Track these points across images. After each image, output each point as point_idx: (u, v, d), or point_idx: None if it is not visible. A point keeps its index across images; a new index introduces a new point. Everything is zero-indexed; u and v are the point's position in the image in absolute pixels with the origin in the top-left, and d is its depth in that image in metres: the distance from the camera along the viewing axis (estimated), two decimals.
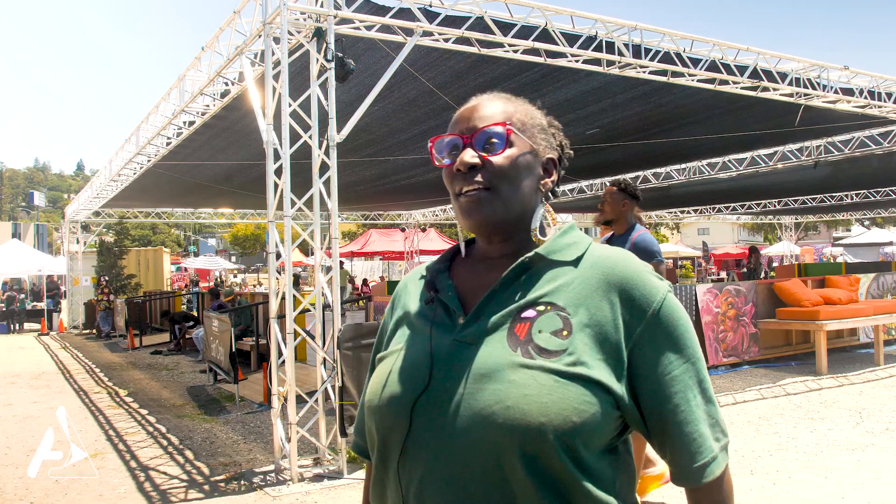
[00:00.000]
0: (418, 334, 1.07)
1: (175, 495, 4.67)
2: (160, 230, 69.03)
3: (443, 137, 1.09)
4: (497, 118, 1.06)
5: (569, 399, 0.92)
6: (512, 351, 0.96)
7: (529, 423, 0.90)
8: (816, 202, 20.22)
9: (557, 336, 0.96)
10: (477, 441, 0.92)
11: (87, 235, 21.25)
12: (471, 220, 1.05)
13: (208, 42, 6.75)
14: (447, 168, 1.07)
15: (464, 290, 1.08)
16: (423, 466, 0.96)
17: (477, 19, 5.81)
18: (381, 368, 1.08)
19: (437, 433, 0.96)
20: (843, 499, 4.18)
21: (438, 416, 0.96)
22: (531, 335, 0.97)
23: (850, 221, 35.86)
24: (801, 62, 7.71)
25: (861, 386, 7.58)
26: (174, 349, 12.76)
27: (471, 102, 1.12)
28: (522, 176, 1.06)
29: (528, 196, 1.08)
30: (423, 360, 1.01)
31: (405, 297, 1.17)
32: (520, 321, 0.99)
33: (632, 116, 9.33)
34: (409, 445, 0.98)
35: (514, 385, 0.92)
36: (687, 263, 33.82)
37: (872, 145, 11.22)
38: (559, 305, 0.99)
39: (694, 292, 8.57)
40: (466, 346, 0.99)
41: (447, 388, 0.97)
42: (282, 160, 5.11)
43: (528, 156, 1.07)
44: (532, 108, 1.14)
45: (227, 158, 10.79)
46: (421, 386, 0.99)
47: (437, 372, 0.99)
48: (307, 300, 5.60)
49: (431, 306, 1.08)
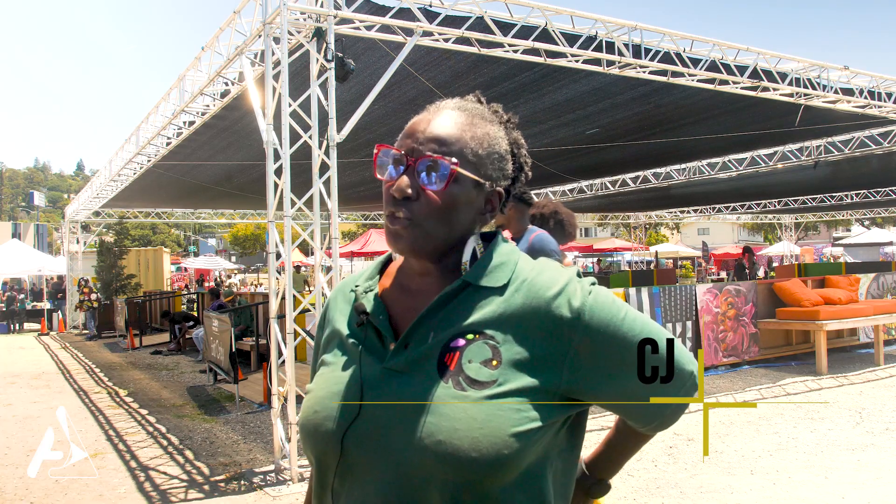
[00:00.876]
0: (348, 357, 1.05)
1: (175, 495, 4.67)
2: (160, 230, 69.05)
3: (389, 148, 1.03)
4: (448, 145, 1.00)
5: (500, 432, 0.90)
6: (443, 383, 0.94)
7: (461, 459, 0.89)
8: (816, 202, 20.23)
9: (487, 366, 0.94)
10: (409, 473, 0.91)
11: (87, 235, 21.28)
12: (393, 247, 1.03)
13: (208, 42, 6.75)
14: (385, 184, 1.03)
15: (394, 312, 1.05)
16: (358, 491, 0.96)
17: (477, 19, 5.81)
18: (313, 391, 1.06)
19: (370, 462, 0.95)
20: (843, 499, 4.18)
21: (371, 446, 0.95)
22: (461, 365, 0.95)
23: (850, 221, 35.87)
24: (801, 62, 7.71)
25: (861, 386, 7.58)
26: (174, 349, 12.76)
27: (428, 113, 1.05)
28: (457, 213, 1.02)
29: (461, 228, 1.04)
30: (354, 385, 1.00)
31: (335, 312, 1.13)
32: (449, 351, 0.97)
33: (632, 117, 9.34)
34: (342, 471, 0.97)
35: (446, 418, 0.91)
36: (687, 263, 33.84)
37: (872, 145, 11.23)
38: (488, 334, 0.97)
39: (694, 292, 8.57)
40: (396, 374, 0.98)
41: (378, 417, 0.95)
42: (282, 160, 5.10)
43: (472, 192, 1.02)
44: (496, 129, 1.07)
45: (227, 158, 10.79)
46: (352, 415, 0.97)
47: (367, 399, 0.97)
48: (307, 300, 5.60)
49: (362, 329, 1.05)
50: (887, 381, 7.85)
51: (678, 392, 1.01)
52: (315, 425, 1.01)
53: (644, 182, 15.75)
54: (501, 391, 0.93)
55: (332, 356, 1.08)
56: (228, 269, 41.43)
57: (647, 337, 0.97)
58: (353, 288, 1.12)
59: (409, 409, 0.94)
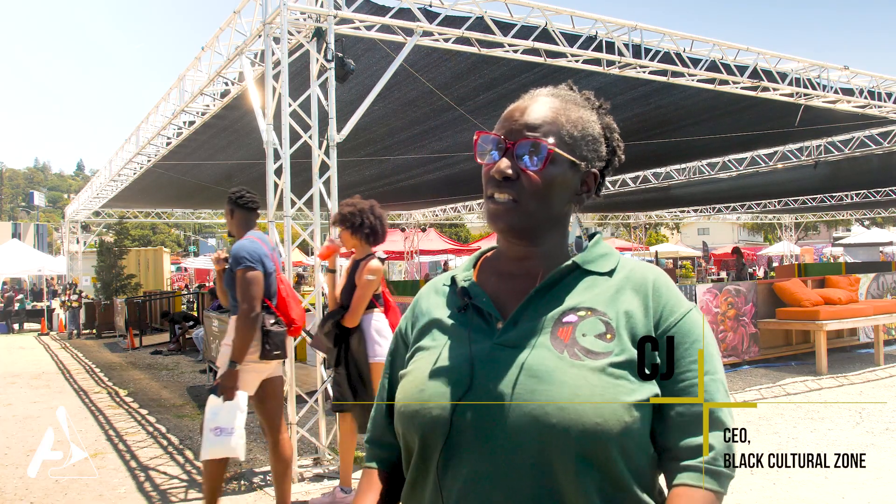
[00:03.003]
0: (453, 339, 1.06)
1: (175, 495, 4.67)
2: (160, 230, 69.04)
3: (488, 134, 1.07)
4: (545, 128, 1.04)
5: (620, 398, 0.93)
6: (558, 353, 0.96)
7: (585, 424, 0.90)
8: (816, 202, 20.23)
9: (602, 339, 0.97)
10: (527, 442, 0.92)
11: (87, 235, 21.29)
12: (493, 226, 1.07)
13: (208, 42, 6.75)
14: (485, 167, 1.07)
15: (496, 297, 1.08)
16: (467, 468, 0.95)
17: (477, 19, 5.81)
18: (414, 373, 1.06)
19: (481, 434, 0.95)
20: (843, 499, 4.18)
21: (483, 418, 0.95)
22: (575, 338, 0.98)
23: (850, 221, 35.86)
24: (801, 62, 7.71)
25: (861, 386, 7.58)
26: (174, 349, 12.76)
27: (524, 100, 1.09)
28: (555, 193, 1.05)
29: (558, 209, 1.07)
30: (463, 363, 1.01)
31: (427, 306, 1.15)
32: (561, 325, 0.99)
33: (632, 118, 9.33)
34: (450, 447, 0.97)
35: (566, 386, 0.92)
36: (687, 263, 33.82)
37: (872, 145, 11.23)
38: (599, 311, 1.00)
39: (694, 292, 8.57)
40: (508, 349, 0.99)
41: (490, 389, 0.96)
42: (282, 160, 5.11)
43: (568, 173, 1.06)
44: (589, 113, 1.10)
45: (226, 158, 10.79)
46: (463, 388, 0.98)
47: (479, 374, 0.98)
48: (307, 300, 5.60)
49: (465, 313, 1.07)
50: (887, 381, 7.86)
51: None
52: (421, 403, 1.00)
53: (644, 182, 15.74)
54: (618, 361, 0.96)
55: (431, 341, 1.08)
56: None
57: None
58: (446, 282, 1.16)
59: (526, 379, 0.95)
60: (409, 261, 23.15)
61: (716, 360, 1.02)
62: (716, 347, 1.04)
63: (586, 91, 1.15)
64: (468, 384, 0.98)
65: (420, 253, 23.31)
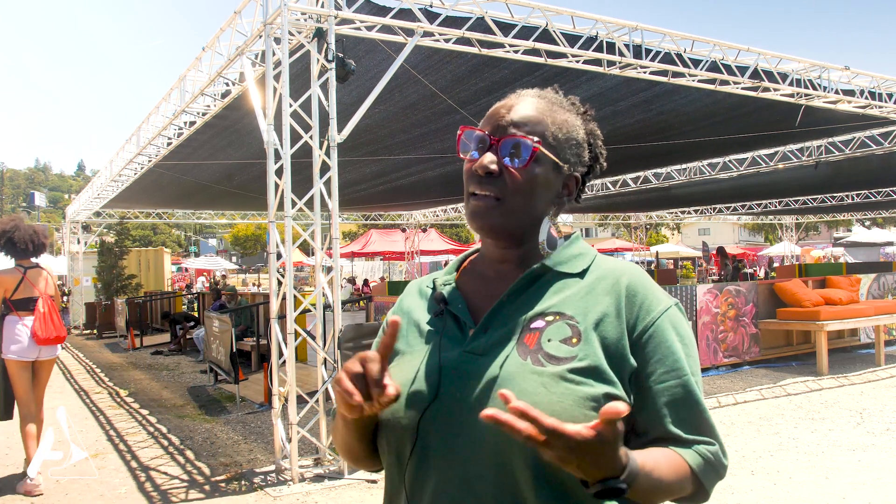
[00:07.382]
0: (426, 346, 1.06)
1: (176, 495, 4.67)
2: (161, 230, 69.07)
3: (473, 129, 1.07)
4: (531, 127, 1.04)
5: (579, 405, 0.92)
6: (522, 360, 0.96)
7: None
8: (817, 202, 20.21)
9: (566, 343, 0.97)
10: (488, 450, 0.93)
11: (87, 236, 21.25)
12: (474, 224, 1.06)
13: (209, 42, 6.75)
14: (467, 163, 1.07)
15: (473, 301, 1.08)
16: (436, 476, 0.96)
17: (477, 20, 5.81)
18: None
19: (447, 442, 0.96)
20: (843, 499, 4.18)
21: (448, 426, 0.96)
22: (540, 344, 0.97)
23: (851, 222, 35.84)
24: (802, 62, 7.71)
25: (862, 386, 7.58)
26: (175, 349, 12.76)
27: (511, 98, 1.09)
28: (538, 192, 1.05)
29: (540, 209, 1.07)
30: (432, 371, 1.01)
31: (409, 305, 1.16)
32: (529, 332, 0.99)
33: (633, 124, 9.32)
34: (418, 457, 0.98)
35: (524, 393, 0.92)
36: (687, 264, 33.83)
37: (873, 145, 11.22)
38: (567, 315, 1.00)
39: (694, 293, 8.57)
40: (476, 356, 0.99)
41: (456, 398, 0.97)
42: (282, 160, 5.11)
43: (551, 174, 1.05)
44: (574, 118, 1.10)
45: (227, 157, 10.79)
46: (429, 397, 0.98)
47: (446, 383, 0.99)
48: (308, 300, 5.61)
49: (441, 318, 1.07)
50: (888, 381, 7.85)
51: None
52: (392, 412, 1.01)
53: (645, 182, 15.73)
54: (581, 366, 0.95)
55: (407, 346, 1.09)
56: (229, 269, 41.44)
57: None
58: (429, 284, 1.16)
59: (488, 387, 0.95)
60: (409, 261, 23.15)
61: (693, 359, 1.02)
62: (694, 347, 1.03)
63: (572, 96, 1.15)
64: (435, 393, 0.98)
65: (421, 253, 23.31)
